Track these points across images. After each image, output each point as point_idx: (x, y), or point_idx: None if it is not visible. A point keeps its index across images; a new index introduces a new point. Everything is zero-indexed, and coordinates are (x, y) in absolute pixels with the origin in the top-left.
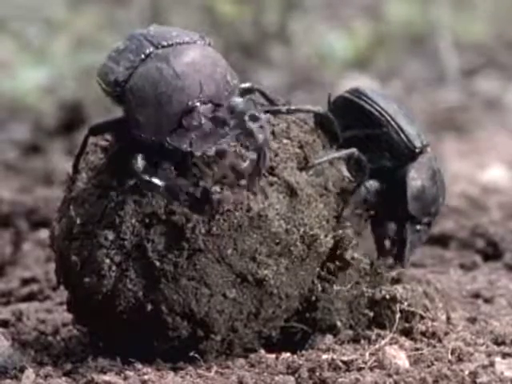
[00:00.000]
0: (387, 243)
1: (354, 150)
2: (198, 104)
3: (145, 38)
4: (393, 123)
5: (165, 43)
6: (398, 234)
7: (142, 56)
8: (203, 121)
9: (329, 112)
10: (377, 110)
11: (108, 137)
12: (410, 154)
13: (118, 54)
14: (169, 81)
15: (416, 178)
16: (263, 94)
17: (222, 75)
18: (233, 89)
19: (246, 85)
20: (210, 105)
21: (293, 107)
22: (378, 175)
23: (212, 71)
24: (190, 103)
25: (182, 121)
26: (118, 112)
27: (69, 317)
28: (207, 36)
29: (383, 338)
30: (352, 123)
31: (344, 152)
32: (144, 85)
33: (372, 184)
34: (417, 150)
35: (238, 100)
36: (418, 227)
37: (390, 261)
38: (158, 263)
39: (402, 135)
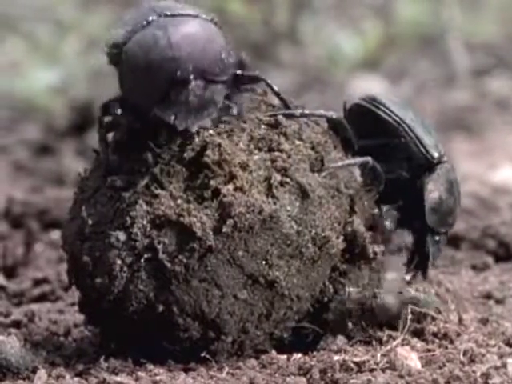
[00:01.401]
0: (407, 254)
1: (368, 158)
2: (188, 78)
3: (151, 8)
4: (410, 133)
5: (168, 13)
6: (419, 247)
7: (144, 22)
8: (191, 97)
9: (342, 118)
10: (394, 120)
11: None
12: (427, 165)
13: (124, 21)
14: (161, 49)
15: (434, 190)
16: (269, 86)
17: (217, 51)
18: (226, 67)
19: (253, 73)
20: (200, 81)
21: (306, 111)
22: (394, 185)
23: (206, 46)
24: (178, 74)
25: (171, 93)
26: None
27: (80, 317)
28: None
29: (395, 340)
30: (368, 131)
31: (359, 160)
32: (137, 50)
33: (389, 213)
34: (434, 161)
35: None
36: (437, 238)
37: (410, 272)
38: (169, 264)
39: (420, 146)
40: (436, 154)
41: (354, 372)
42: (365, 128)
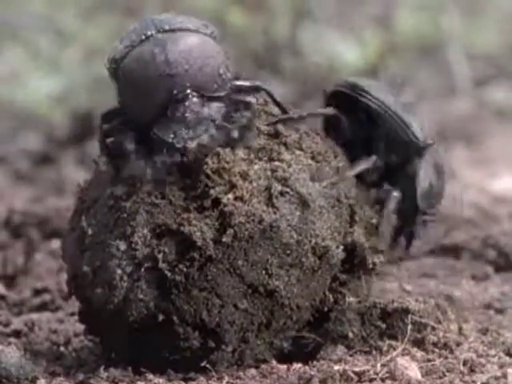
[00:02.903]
0: (391, 233)
1: (373, 157)
2: (185, 95)
3: (151, 21)
4: (396, 118)
5: (167, 27)
6: (408, 226)
7: (143, 37)
8: (187, 114)
9: (338, 113)
10: (379, 106)
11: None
12: (415, 148)
13: (125, 35)
14: (158, 66)
15: (425, 177)
16: (270, 96)
17: (214, 67)
18: (224, 82)
19: (254, 83)
20: (196, 98)
21: (305, 113)
22: (384, 170)
23: (204, 63)
24: (175, 92)
25: (168, 111)
26: None
27: (81, 327)
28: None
29: (395, 349)
30: (351, 118)
31: (370, 161)
32: (135, 66)
33: (397, 194)
34: (421, 144)
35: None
36: (425, 218)
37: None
38: (169, 274)
39: (407, 130)
40: (422, 138)
41: (354, 382)
42: (347, 115)
